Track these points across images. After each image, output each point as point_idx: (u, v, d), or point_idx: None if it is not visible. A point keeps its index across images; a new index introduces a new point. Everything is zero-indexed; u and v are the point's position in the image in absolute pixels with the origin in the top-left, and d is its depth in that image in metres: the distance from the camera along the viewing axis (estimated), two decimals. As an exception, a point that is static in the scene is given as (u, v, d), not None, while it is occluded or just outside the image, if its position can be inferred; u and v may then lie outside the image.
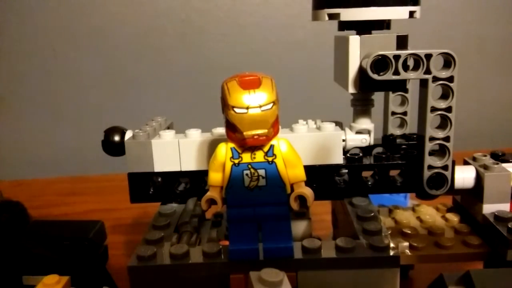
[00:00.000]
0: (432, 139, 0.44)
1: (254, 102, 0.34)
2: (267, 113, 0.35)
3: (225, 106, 0.35)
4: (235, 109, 0.35)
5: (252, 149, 0.37)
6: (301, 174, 0.37)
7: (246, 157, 0.37)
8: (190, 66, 1.08)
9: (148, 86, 1.10)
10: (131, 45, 1.07)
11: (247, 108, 0.34)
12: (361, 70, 0.44)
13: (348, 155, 0.47)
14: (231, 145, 0.37)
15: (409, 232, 0.46)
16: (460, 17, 1.10)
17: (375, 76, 0.42)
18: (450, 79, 0.42)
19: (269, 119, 0.35)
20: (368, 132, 0.49)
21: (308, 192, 0.37)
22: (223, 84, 0.36)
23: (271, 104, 0.35)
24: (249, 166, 0.37)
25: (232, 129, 0.36)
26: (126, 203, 0.48)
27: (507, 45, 1.13)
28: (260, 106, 0.34)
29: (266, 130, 0.35)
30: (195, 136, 0.46)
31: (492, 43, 1.12)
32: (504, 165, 0.46)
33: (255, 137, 0.35)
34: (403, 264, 0.41)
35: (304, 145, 0.44)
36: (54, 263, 0.43)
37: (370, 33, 0.46)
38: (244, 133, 0.35)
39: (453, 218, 0.49)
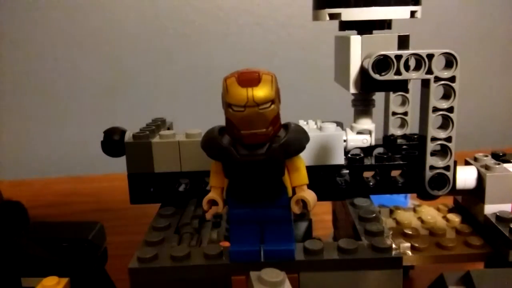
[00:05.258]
0: (434, 139, 0.44)
1: (252, 100, 0.33)
2: (265, 112, 0.34)
3: (224, 103, 0.35)
4: (232, 107, 0.34)
5: None
6: (303, 177, 0.36)
7: None
8: (190, 66, 1.08)
9: (148, 86, 1.09)
10: (131, 45, 1.07)
11: (245, 106, 0.33)
12: (362, 70, 0.44)
13: (349, 155, 0.47)
14: (232, 145, 0.37)
15: (411, 232, 0.46)
16: (461, 17, 1.10)
17: (377, 76, 0.42)
18: (452, 79, 0.42)
19: (267, 118, 0.34)
20: (369, 132, 0.49)
21: (309, 196, 0.36)
22: (223, 81, 0.35)
23: (270, 103, 0.34)
24: None
25: (232, 127, 0.35)
26: (126, 203, 0.48)
27: (508, 45, 1.13)
28: (258, 105, 0.33)
29: (264, 129, 0.34)
30: (195, 136, 0.46)
31: (493, 43, 1.12)
32: (505, 165, 0.46)
33: (253, 135, 0.34)
34: (405, 265, 0.41)
35: (305, 146, 0.44)
36: (53, 265, 0.43)
37: (371, 33, 0.46)
38: (242, 132, 0.34)
39: (455, 218, 0.49)
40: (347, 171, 0.47)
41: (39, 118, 1.11)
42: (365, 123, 0.49)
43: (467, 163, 0.48)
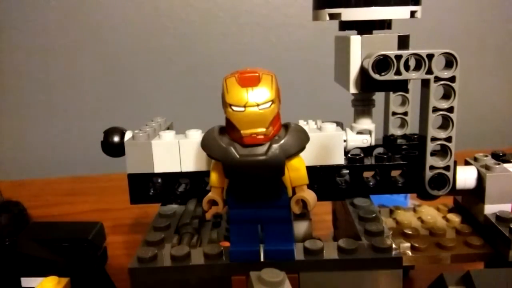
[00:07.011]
0: (434, 139, 0.44)
1: (252, 100, 0.33)
2: (265, 112, 0.34)
3: (224, 103, 0.35)
4: (232, 107, 0.34)
5: None
6: (303, 177, 0.36)
7: None
8: (190, 66, 1.08)
9: (148, 86, 1.09)
10: (131, 45, 1.07)
11: (245, 106, 0.33)
12: (362, 70, 0.44)
13: (349, 155, 0.47)
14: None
15: (411, 232, 0.46)
16: (461, 16, 1.10)
17: (377, 76, 0.42)
18: (452, 79, 0.42)
19: (267, 118, 0.34)
20: (369, 132, 0.49)
21: (309, 196, 0.36)
22: (223, 80, 0.35)
23: (270, 103, 0.34)
24: None
25: (231, 127, 0.35)
26: (126, 203, 0.48)
27: (507, 45, 1.13)
28: (258, 105, 0.33)
29: (264, 129, 0.34)
30: (195, 136, 0.46)
31: (493, 43, 1.12)
32: (505, 165, 0.46)
33: (253, 135, 0.34)
34: (405, 265, 0.41)
35: (305, 146, 0.44)
36: (53, 265, 0.43)
37: (371, 33, 0.46)
38: (242, 131, 0.34)
39: (455, 218, 0.49)
40: (347, 171, 0.47)
41: (39, 118, 1.11)
42: (365, 123, 0.49)
43: (467, 163, 0.48)
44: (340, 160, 0.46)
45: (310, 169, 0.38)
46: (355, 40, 0.45)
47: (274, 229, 0.37)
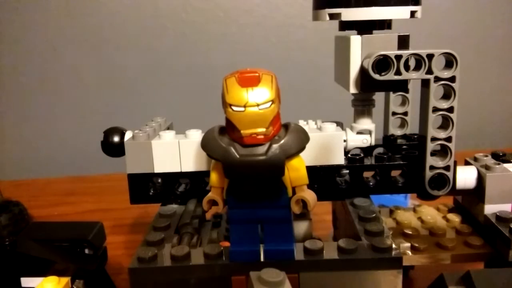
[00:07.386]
0: (434, 139, 0.44)
1: (252, 100, 0.33)
2: (265, 112, 0.34)
3: (224, 103, 0.35)
4: (232, 107, 0.34)
5: None
6: (303, 177, 0.36)
7: None
8: (190, 66, 1.08)
9: (148, 86, 1.09)
10: (131, 45, 1.07)
11: (245, 106, 0.34)
12: (362, 70, 0.44)
13: (349, 155, 0.47)
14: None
15: (410, 232, 0.46)
16: (461, 16, 1.10)
17: (377, 76, 0.42)
18: (452, 79, 0.42)
19: (267, 118, 0.34)
20: (369, 132, 0.49)
21: (309, 196, 0.36)
22: (223, 80, 0.35)
23: (270, 103, 0.34)
24: None
25: (232, 127, 0.35)
26: (126, 203, 0.48)
27: (507, 45, 1.13)
28: (258, 105, 0.33)
29: (264, 129, 0.34)
30: (195, 136, 0.46)
31: (492, 43, 1.12)
32: (505, 165, 0.46)
33: (253, 135, 0.34)
34: (405, 265, 0.41)
35: (305, 146, 0.44)
36: (53, 265, 0.43)
37: (371, 33, 0.46)
38: (242, 131, 0.34)
39: (455, 218, 0.49)
40: (347, 171, 0.47)
41: (39, 118, 1.11)
42: (365, 123, 0.49)
43: (467, 163, 0.48)
44: (340, 160, 0.46)
45: (310, 169, 0.38)
46: (355, 40, 0.45)
47: (274, 229, 0.37)
